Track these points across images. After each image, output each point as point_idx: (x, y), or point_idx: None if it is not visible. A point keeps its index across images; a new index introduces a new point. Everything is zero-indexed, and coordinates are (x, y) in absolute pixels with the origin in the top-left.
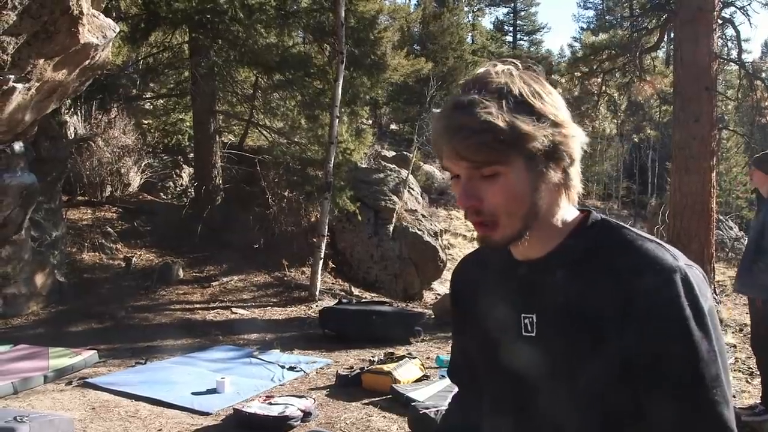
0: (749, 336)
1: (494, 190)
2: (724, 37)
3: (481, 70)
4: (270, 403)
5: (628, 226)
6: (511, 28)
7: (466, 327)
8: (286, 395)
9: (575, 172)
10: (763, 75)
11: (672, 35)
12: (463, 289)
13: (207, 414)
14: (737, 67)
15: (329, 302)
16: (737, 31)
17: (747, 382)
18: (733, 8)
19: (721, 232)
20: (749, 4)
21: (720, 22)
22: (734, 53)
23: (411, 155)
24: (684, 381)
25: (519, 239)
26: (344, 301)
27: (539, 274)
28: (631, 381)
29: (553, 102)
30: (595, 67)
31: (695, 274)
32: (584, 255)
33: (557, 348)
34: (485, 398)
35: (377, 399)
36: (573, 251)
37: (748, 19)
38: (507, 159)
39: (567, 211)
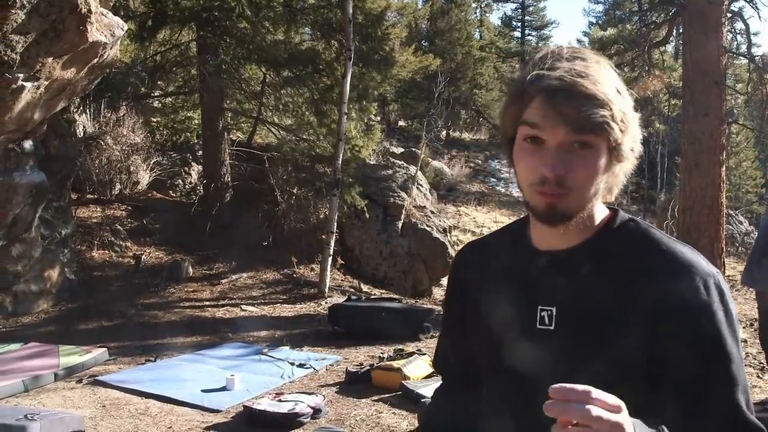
0: (759, 331)
1: (583, 163)
2: (733, 30)
3: (565, 47)
4: (280, 400)
5: (656, 227)
6: (519, 24)
7: (465, 318)
8: (296, 392)
9: (624, 173)
10: None
11: (681, 29)
12: (466, 277)
13: (217, 411)
14: (746, 61)
15: (338, 299)
16: (746, 25)
17: (758, 377)
18: (742, 2)
19: (730, 227)
20: None
21: (729, 15)
22: (743, 47)
23: (420, 151)
24: (714, 383)
25: (571, 219)
26: (353, 298)
27: (563, 267)
28: (649, 380)
29: (629, 95)
30: None
31: (723, 279)
32: (614, 252)
33: (575, 343)
34: (486, 393)
35: (387, 396)
36: (603, 246)
37: (758, 13)
38: (606, 136)
39: (598, 209)
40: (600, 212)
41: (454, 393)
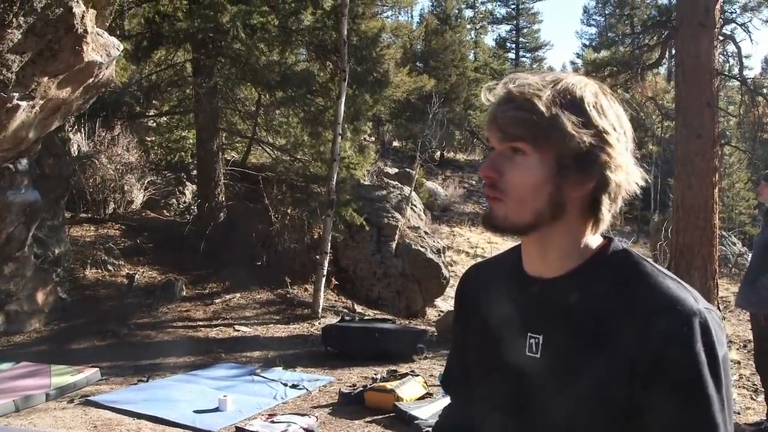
0: (753, 352)
1: (515, 168)
2: (725, 53)
3: (562, 74)
4: (272, 422)
5: (649, 260)
6: (513, 45)
7: (467, 334)
8: (289, 413)
9: (607, 204)
10: (765, 91)
11: (673, 52)
12: (468, 296)
13: None
14: (738, 83)
15: (332, 320)
16: (738, 48)
17: (752, 398)
18: (734, 25)
19: (724, 248)
20: (750, 21)
21: (721, 38)
22: (735, 69)
23: (414, 172)
24: (692, 427)
25: (521, 233)
26: (347, 318)
27: (552, 295)
28: (628, 418)
29: (613, 123)
30: None
31: (713, 318)
32: (602, 283)
33: (556, 373)
34: (478, 402)
35: (380, 417)
36: (591, 277)
37: (749, 36)
38: (536, 143)
39: (590, 239)
40: (592, 243)
41: (459, 406)
